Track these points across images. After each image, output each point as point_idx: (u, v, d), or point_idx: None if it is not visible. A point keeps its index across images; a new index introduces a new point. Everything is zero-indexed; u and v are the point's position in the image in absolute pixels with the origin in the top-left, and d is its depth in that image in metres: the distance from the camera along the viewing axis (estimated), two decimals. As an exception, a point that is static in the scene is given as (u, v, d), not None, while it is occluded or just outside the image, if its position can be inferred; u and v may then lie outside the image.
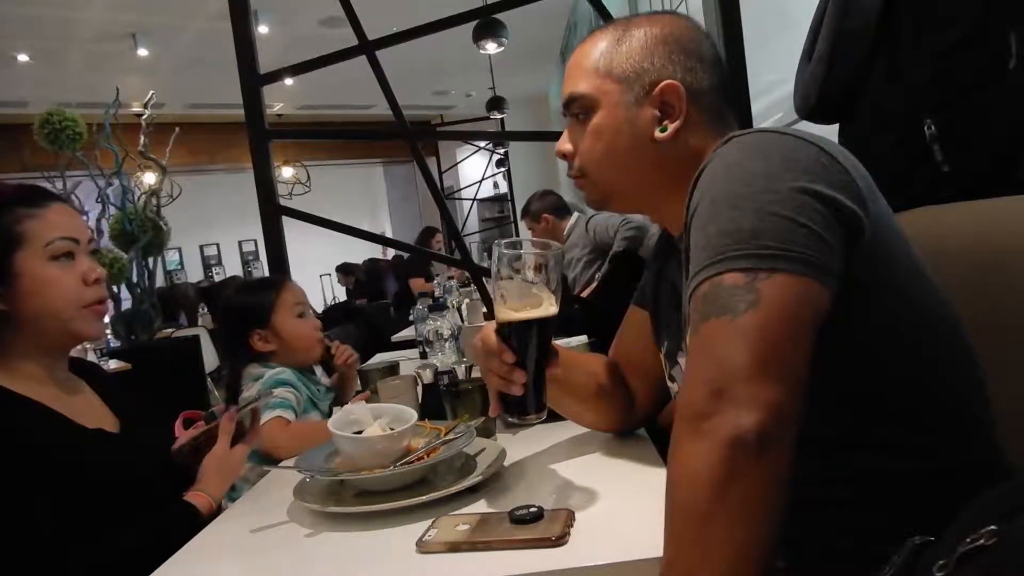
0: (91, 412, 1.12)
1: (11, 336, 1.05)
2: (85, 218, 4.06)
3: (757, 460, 0.57)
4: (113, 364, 3.51)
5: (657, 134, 0.86)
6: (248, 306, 1.62)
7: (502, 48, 4.76)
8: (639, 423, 1.13)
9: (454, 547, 0.76)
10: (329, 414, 1.60)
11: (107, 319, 4.38)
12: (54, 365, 1.10)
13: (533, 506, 0.80)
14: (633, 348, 1.10)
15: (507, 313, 0.87)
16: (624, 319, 1.13)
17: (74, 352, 1.19)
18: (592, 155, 0.91)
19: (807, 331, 0.63)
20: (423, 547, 0.77)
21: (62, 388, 1.10)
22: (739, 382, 0.59)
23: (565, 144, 0.94)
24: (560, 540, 0.74)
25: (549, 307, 0.87)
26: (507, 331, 0.88)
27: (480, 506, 0.90)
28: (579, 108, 0.90)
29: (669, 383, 1.00)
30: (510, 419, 0.92)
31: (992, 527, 0.47)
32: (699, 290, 0.66)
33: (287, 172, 8.85)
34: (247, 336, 1.58)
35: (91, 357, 3.27)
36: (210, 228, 10.29)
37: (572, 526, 0.77)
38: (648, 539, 0.73)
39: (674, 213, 0.90)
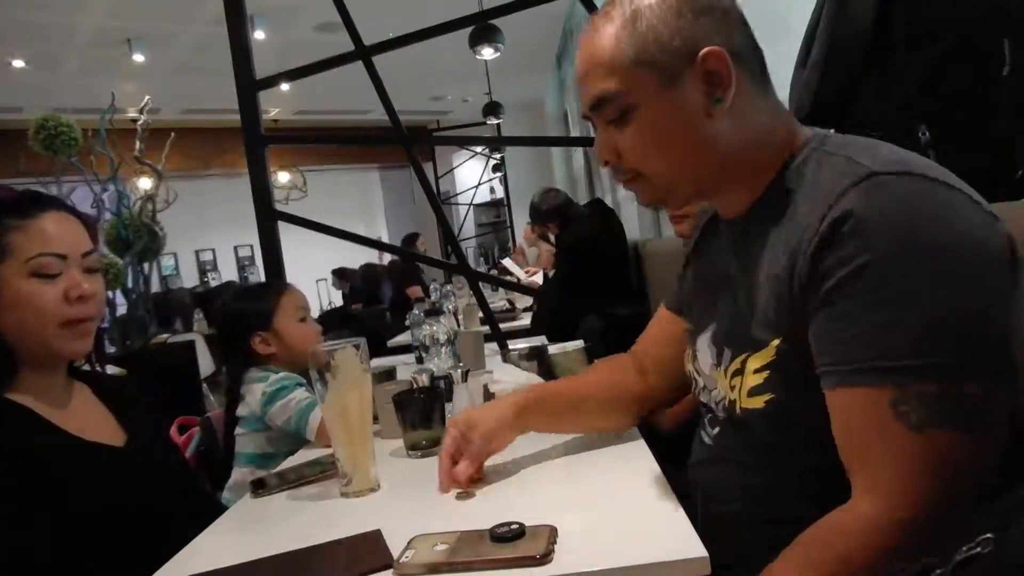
0: (93, 424, 1.07)
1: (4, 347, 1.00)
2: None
3: None
4: (109, 370, 3.49)
5: (713, 108, 0.77)
6: (250, 309, 1.62)
7: (498, 54, 4.76)
8: (657, 408, 1.14)
9: (433, 568, 0.72)
10: None
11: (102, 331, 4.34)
12: (48, 377, 1.05)
13: (514, 523, 0.76)
14: (658, 348, 1.09)
15: None
16: (654, 318, 1.12)
17: None
18: (646, 155, 0.81)
19: None
20: (400, 569, 0.73)
21: (59, 399, 1.06)
22: (962, 506, 0.61)
23: (606, 152, 0.84)
24: (545, 558, 0.70)
25: None
26: None
27: (460, 521, 0.86)
28: (613, 109, 0.80)
29: (695, 375, 0.95)
30: None
31: (988, 535, 0.47)
32: (919, 388, 0.63)
33: (283, 177, 8.84)
34: (247, 339, 1.57)
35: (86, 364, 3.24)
36: (206, 233, 10.28)
37: (555, 542, 0.74)
38: (634, 547, 0.72)
39: (732, 195, 0.85)
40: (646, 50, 0.77)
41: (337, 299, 9.52)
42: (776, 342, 0.75)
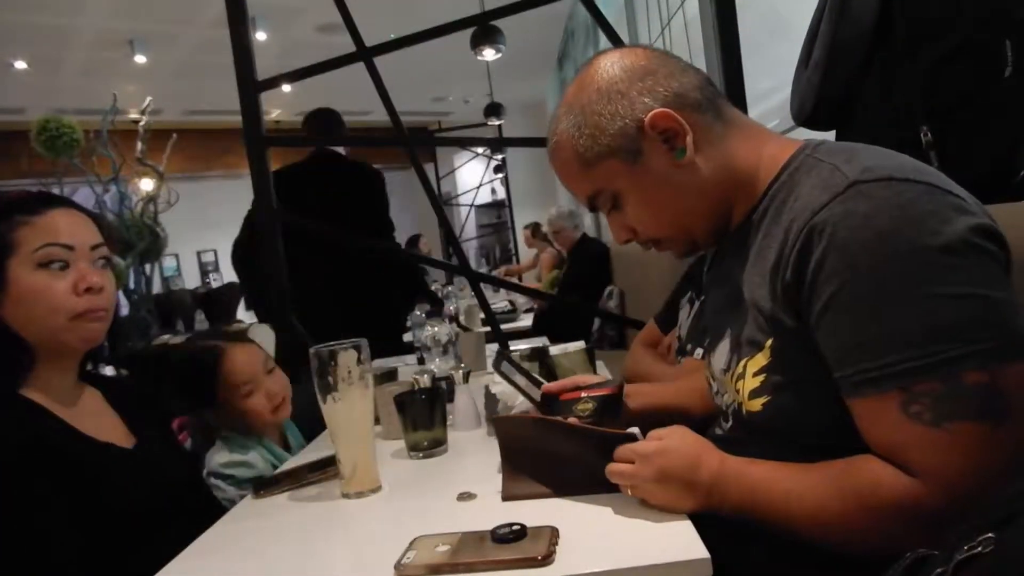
0: (103, 428, 1.07)
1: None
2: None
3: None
4: (109, 371, 3.50)
5: (680, 161, 0.83)
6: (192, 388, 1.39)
7: (500, 55, 4.76)
8: None
9: (435, 570, 0.73)
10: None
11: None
12: (59, 375, 1.05)
13: (516, 524, 0.77)
14: None
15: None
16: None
17: None
18: (651, 223, 0.89)
19: None
20: (402, 570, 0.74)
21: (71, 399, 1.06)
22: (990, 486, 0.60)
23: (623, 233, 0.93)
24: (546, 559, 0.71)
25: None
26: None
27: (461, 522, 0.86)
28: (605, 202, 0.89)
29: (711, 380, 0.97)
30: None
31: (989, 534, 0.47)
32: (923, 386, 0.64)
33: (284, 178, 8.81)
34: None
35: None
36: (207, 234, 10.27)
37: (557, 543, 0.74)
38: (636, 548, 0.72)
39: (738, 212, 0.88)
40: (599, 145, 0.85)
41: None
42: (769, 342, 0.78)
